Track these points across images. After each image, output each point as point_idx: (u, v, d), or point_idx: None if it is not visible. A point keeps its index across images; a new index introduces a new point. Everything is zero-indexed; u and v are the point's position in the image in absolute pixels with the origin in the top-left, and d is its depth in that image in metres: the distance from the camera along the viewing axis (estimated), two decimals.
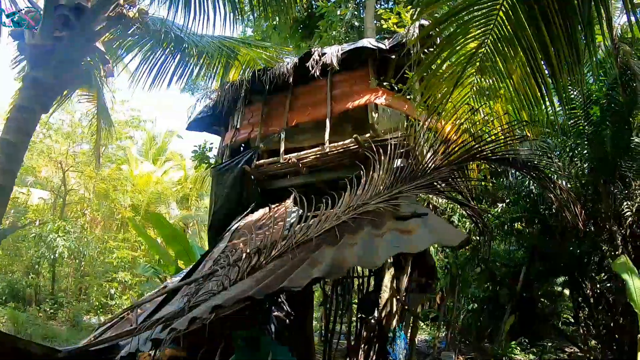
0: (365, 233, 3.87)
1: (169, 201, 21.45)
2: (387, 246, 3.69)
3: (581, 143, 6.95)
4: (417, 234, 3.70)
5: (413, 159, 4.58)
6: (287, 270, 3.67)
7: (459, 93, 4.82)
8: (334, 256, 3.66)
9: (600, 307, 7.01)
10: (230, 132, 8.13)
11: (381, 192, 4.09)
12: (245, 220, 6.59)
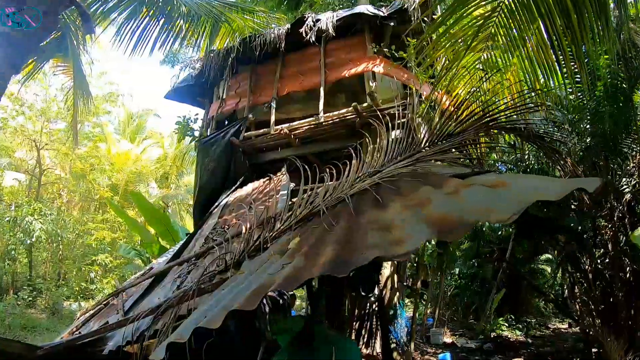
0: (428, 192, 2.87)
1: (148, 180, 20.83)
2: (513, 196, 2.44)
3: (583, 118, 6.76)
4: (515, 188, 2.71)
5: (425, 127, 4.27)
6: (345, 241, 2.58)
7: (469, 60, 4.54)
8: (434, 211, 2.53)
9: (598, 282, 6.90)
10: (216, 104, 7.71)
11: (396, 158, 3.74)
12: (235, 195, 6.24)
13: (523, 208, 2.04)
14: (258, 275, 2.61)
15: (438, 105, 4.48)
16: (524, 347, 10.12)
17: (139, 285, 4.81)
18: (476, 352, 9.89)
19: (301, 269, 2.41)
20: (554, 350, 9.38)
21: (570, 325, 12.30)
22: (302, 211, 3.33)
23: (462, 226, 2.27)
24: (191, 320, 2.52)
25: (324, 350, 3.87)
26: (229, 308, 2.21)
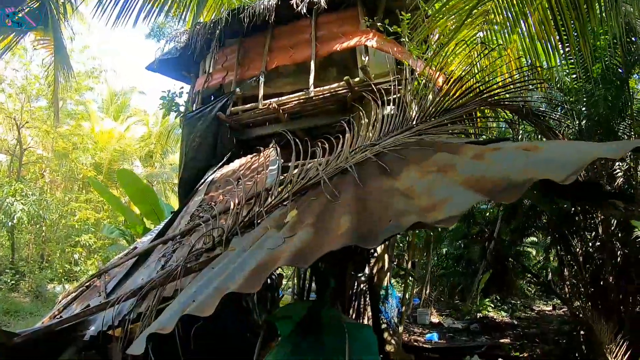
0: (445, 158, 2.68)
1: (132, 159, 20.42)
2: (562, 157, 2.13)
3: (579, 100, 6.69)
4: (554, 151, 2.43)
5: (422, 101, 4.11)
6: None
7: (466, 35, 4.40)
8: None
9: (588, 265, 6.91)
10: (202, 78, 7.47)
11: (392, 132, 3.59)
12: (221, 171, 6.06)
13: (582, 167, 1.80)
14: (255, 252, 2.37)
15: (434, 82, 4.35)
16: (509, 328, 10.20)
17: (122, 266, 4.63)
18: (463, 332, 9.95)
19: (313, 242, 2.15)
20: (540, 332, 9.45)
21: (555, 307, 12.44)
22: (299, 182, 3.17)
23: (515, 186, 1.89)
24: (177, 305, 2.22)
25: (335, 340, 3.38)
26: (223, 291, 1.96)
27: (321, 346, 3.34)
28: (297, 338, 3.46)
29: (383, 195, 2.46)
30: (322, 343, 3.36)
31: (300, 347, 3.36)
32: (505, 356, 7.63)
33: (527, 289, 14.80)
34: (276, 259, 2.08)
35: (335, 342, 3.29)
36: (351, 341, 3.23)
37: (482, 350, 8.02)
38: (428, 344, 8.72)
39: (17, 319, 10.79)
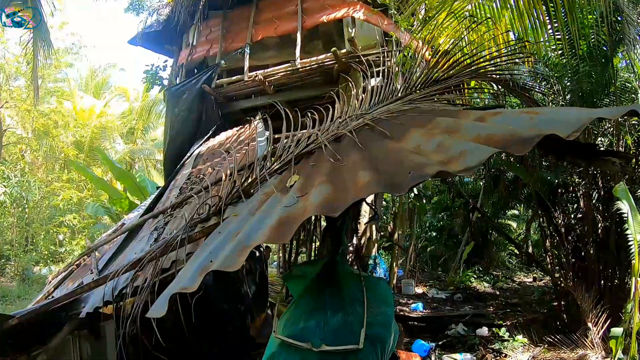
0: (447, 122, 2.73)
1: (113, 136, 20.09)
2: (563, 117, 2.27)
3: (564, 75, 6.75)
4: (553, 114, 2.65)
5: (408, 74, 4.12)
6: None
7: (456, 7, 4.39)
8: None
9: (570, 237, 7.07)
10: (186, 51, 7.35)
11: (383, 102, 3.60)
12: (207, 144, 6.03)
13: (584, 124, 1.93)
14: (269, 212, 2.37)
15: (421, 54, 4.36)
16: (492, 298, 10.42)
17: (111, 243, 4.62)
18: (447, 302, 10.15)
19: (335, 194, 2.19)
20: (522, 302, 9.69)
21: (535, 279, 12.72)
22: (297, 148, 3.18)
23: (524, 140, 1.97)
24: (195, 265, 2.15)
25: (353, 291, 3.47)
26: (248, 245, 2.00)
27: (340, 298, 3.44)
28: (314, 292, 3.56)
29: (393, 154, 2.55)
30: (341, 295, 3.46)
31: (319, 300, 3.48)
32: (489, 324, 7.83)
33: (509, 261, 15.11)
34: (304, 210, 2.17)
35: (353, 294, 3.43)
36: (369, 293, 3.41)
37: (467, 319, 8.21)
38: (414, 314, 8.89)
39: (5, 304, 10.68)
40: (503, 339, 6.79)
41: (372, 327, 3.23)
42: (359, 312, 3.30)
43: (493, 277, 12.45)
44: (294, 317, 3.48)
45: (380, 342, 3.24)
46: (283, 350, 3.25)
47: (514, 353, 6.28)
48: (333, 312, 3.35)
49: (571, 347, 5.82)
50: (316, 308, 3.43)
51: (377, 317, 3.32)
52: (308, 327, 3.32)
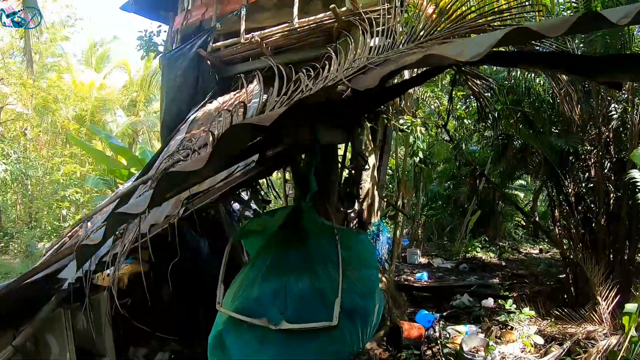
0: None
1: (115, 108, 19.83)
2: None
3: (577, 35, 6.43)
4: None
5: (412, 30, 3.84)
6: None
7: None
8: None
9: (580, 207, 6.85)
10: (181, 15, 7.07)
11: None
12: (203, 110, 5.80)
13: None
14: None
15: (424, 10, 4.10)
16: (498, 269, 10.30)
17: (102, 212, 4.45)
18: (452, 272, 10.05)
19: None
20: (528, 273, 9.55)
21: (542, 251, 12.58)
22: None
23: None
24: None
25: (323, 249, 2.72)
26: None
27: (307, 257, 2.69)
28: (273, 251, 2.83)
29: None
30: (308, 254, 2.71)
31: (280, 260, 2.75)
32: (495, 295, 7.70)
33: (515, 232, 14.95)
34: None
35: (325, 252, 2.71)
36: (345, 251, 2.67)
37: (472, 290, 8.10)
38: (418, 283, 8.80)
39: (7, 281, 10.63)
40: (509, 311, 6.65)
41: (350, 297, 2.57)
42: (332, 276, 2.60)
43: (499, 247, 12.32)
44: (246, 283, 2.71)
45: (360, 317, 2.59)
46: (231, 328, 2.53)
47: (520, 326, 6.13)
48: (298, 276, 2.61)
49: (579, 322, 5.65)
50: (275, 271, 2.68)
51: (357, 284, 2.65)
52: (263, 296, 2.57)
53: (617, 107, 6.48)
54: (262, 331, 2.44)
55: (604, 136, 6.37)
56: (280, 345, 2.43)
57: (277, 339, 2.42)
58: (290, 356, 2.44)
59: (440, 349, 5.64)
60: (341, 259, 2.65)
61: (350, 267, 2.69)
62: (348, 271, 2.66)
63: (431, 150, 12.00)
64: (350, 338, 2.51)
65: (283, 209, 3.01)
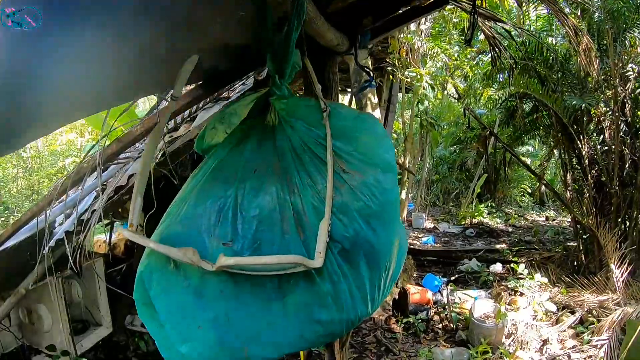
0: None
1: None
2: None
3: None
4: None
5: None
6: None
7: None
8: None
9: (594, 171, 6.56)
10: None
11: None
12: None
13: None
14: None
15: None
16: (505, 235, 10.12)
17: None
18: (458, 236, 9.88)
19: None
20: (536, 240, 9.36)
21: (548, 218, 12.38)
22: None
23: None
24: None
25: (304, 138, 1.68)
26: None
27: (273, 157, 1.68)
28: (221, 153, 1.78)
29: None
30: (275, 152, 1.69)
31: (231, 165, 1.72)
32: (503, 261, 7.52)
33: (521, 198, 14.73)
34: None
35: (302, 146, 1.67)
36: (339, 141, 1.64)
37: (480, 255, 7.92)
38: (424, 248, 8.61)
39: None
40: (519, 277, 6.47)
41: (348, 219, 1.52)
42: (315, 184, 1.58)
43: (505, 214, 12.13)
44: (177, 201, 1.72)
45: (366, 255, 1.54)
46: (154, 270, 1.56)
47: (530, 291, 5.95)
48: (257, 187, 1.60)
49: (591, 290, 5.47)
50: (221, 180, 1.67)
51: (360, 196, 1.55)
52: (197, 217, 1.59)
53: (634, 68, 6.14)
54: (198, 275, 1.49)
55: (620, 97, 6.03)
56: (223, 301, 1.48)
57: (220, 288, 1.48)
58: (242, 324, 1.48)
59: (449, 314, 5.46)
60: (331, 153, 1.59)
61: (349, 166, 1.60)
62: (343, 174, 1.58)
63: (438, 113, 11.66)
64: (348, 294, 1.51)
65: (249, 97, 1.83)
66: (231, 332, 1.48)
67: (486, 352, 4.54)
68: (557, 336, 4.91)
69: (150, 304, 1.57)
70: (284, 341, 1.51)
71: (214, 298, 1.48)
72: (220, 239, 1.54)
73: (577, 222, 6.84)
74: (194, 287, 1.50)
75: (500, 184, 13.16)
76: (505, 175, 13.21)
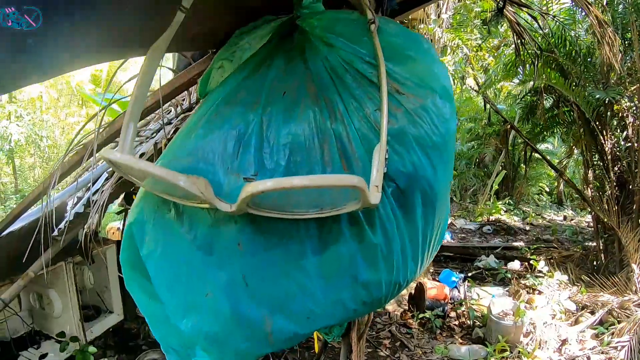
0: None
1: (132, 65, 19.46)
2: None
3: None
4: None
5: None
6: None
7: None
8: None
9: (616, 168, 6.38)
10: None
11: None
12: None
13: None
14: None
15: None
16: (522, 233, 9.96)
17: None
18: (475, 233, 9.74)
19: None
20: (555, 239, 9.18)
21: (566, 218, 12.16)
22: None
23: None
24: None
25: (342, 54, 1.33)
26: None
27: (306, 77, 1.35)
28: (240, 76, 1.45)
29: None
30: (308, 71, 1.36)
31: (253, 87, 1.38)
32: (521, 258, 7.38)
33: (539, 197, 14.49)
34: None
35: (343, 65, 1.33)
36: (392, 62, 1.30)
37: (498, 252, 7.80)
38: (442, 243, 8.50)
39: None
40: (537, 275, 6.33)
41: (403, 149, 1.21)
42: (361, 107, 1.25)
43: (522, 212, 11.94)
44: (183, 132, 1.38)
45: (422, 194, 1.22)
46: (148, 219, 1.24)
47: (549, 290, 5.82)
48: (288, 110, 1.27)
49: (611, 290, 5.33)
50: (239, 103, 1.32)
51: (418, 122, 1.24)
52: (208, 146, 1.24)
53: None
54: (208, 224, 1.14)
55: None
56: (240, 258, 1.13)
57: (237, 241, 1.12)
58: (265, 288, 1.13)
59: (466, 310, 5.36)
60: (383, 69, 1.24)
61: (403, 88, 1.28)
62: (399, 95, 1.26)
63: (457, 107, 11.50)
64: (400, 249, 1.20)
65: (266, 26, 1.52)
66: (250, 300, 1.12)
67: (504, 350, 4.43)
68: (577, 336, 4.78)
69: (140, 268, 1.22)
70: (319, 310, 1.16)
71: (228, 254, 1.11)
72: (241, 172, 1.17)
73: (598, 220, 6.67)
74: (201, 240, 1.13)
75: (519, 182, 12.95)
76: (524, 172, 13.00)
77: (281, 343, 1.17)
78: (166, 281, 1.19)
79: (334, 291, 1.16)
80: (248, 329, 1.13)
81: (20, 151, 14.74)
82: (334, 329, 2.03)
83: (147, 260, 1.21)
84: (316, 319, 1.18)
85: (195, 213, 1.14)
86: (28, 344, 3.56)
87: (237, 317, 1.12)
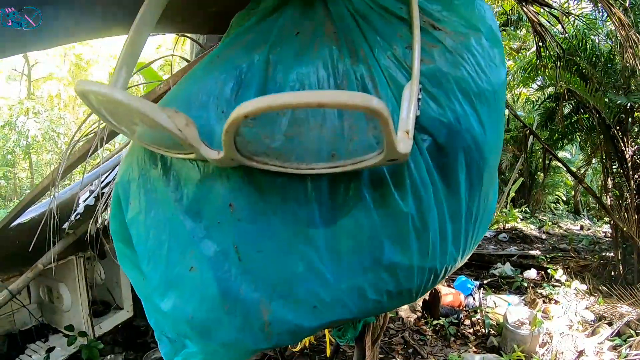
0: None
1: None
2: None
3: None
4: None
5: None
6: None
7: None
8: None
9: (637, 175, 6.23)
10: None
11: None
12: None
13: None
14: None
15: None
16: (538, 241, 9.79)
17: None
18: (491, 240, 9.61)
19: None
20: (571, 248, 9.00)
21: (582, 227, 11.95)
22: None
23: None
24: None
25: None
26: None
27: (327, 21, 1.05)
28: (252, 21, 1.14)
29: None
30: (329, 16, 1.06)
31: (268, 31, 1.09)
32: (538, 267, 7.24)
33: (555, 206, 14.28)
34: None
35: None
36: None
37: (514, 260, 7.67)
38: None
39: None
40: (554, 285, 6.20)
41: (442, 93, 0.90)
42: (390, 45, 0.97)
43: (539, 220, 11.77)
44: (182, 81, 1.13)
45: (466, 153, 0.91)
46: (133, 177, 1.04)
47: (566, 300, 5.69)
48: (305, 48, 1.01)
49: (630, 301, 5.19)
50: (250, 45, 1.06)
51: (460, 62, 0.94)
52: (212, 91, 0.98)
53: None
54: (196, 181, 0.92)
55: None
56: (232, 226, 0.88)
57: (229, 202, 0.88)
58: (263, 264, 0.86)
59: (481, 318, 5.25)
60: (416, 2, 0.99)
61: (440, 24, 1.00)
62: (435, 31, 0.99)
63: None
64: (437, 223, 0.90)
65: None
66: (242, 277, 0.86)
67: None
68: (594, 348, 4.65)
69: (129, 237, 1.03)
70: (329, 298, 0.87)
71: (217, 219, 0.89)
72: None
73: (617, 230, 6.52)
74: (187, 201, 0.92)
75: (536, 190, 12.77)
76: (543, 180, 12.82)
77: (281, 337, 0.89)
78: (147, 251, 0.97)
79: (350, 274, 0.87)
80: (240, 315, 0.86)
81: (38, 147, 14.88)
82: (348, 330, 1.79)
83: (131, 226, 1.01)
84: (325, 309, 0.87)
85: (184, 167, 0.92)
86: (35, 337, 3.55)
87: (226, 299, 0.86)
